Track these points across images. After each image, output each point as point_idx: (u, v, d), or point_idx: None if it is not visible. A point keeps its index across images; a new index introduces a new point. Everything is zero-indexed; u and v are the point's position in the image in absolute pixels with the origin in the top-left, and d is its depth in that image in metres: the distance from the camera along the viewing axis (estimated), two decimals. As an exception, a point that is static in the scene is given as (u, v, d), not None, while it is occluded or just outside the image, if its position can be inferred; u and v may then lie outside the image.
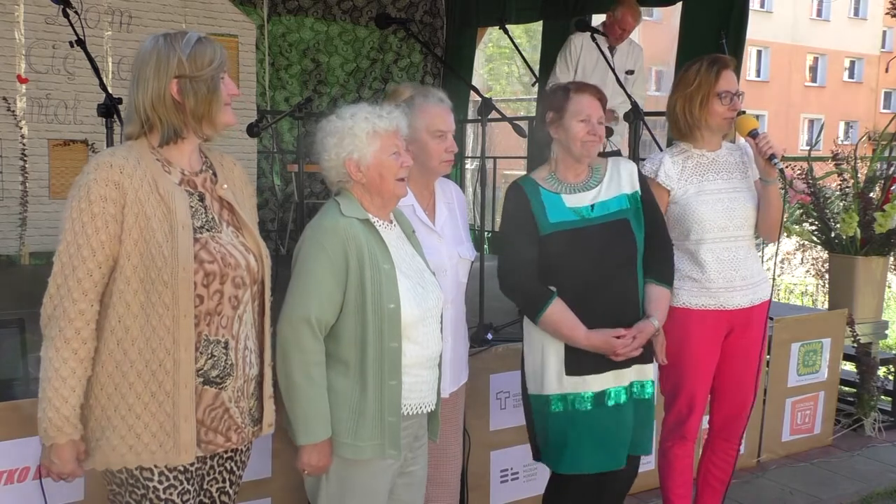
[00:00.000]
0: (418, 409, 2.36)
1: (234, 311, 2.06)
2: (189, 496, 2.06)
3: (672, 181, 3.07)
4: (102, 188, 1.93)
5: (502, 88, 23.87)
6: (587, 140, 2.71)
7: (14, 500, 2.65)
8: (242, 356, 2.09)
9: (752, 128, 2.96)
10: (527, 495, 3.71)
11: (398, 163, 2.31)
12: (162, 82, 1.98)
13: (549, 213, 2.72)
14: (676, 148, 3.14)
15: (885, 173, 5.07)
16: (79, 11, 4.52)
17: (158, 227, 1.96)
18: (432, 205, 2.74)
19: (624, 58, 5.29)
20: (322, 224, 2.29)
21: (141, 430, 1.97)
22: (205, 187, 2.10)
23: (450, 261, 2.69)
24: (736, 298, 3.04)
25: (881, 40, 36.47)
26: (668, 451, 3.22)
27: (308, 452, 2.23)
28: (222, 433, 2.08)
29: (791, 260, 12.50)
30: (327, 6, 7.46)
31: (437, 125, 2.59)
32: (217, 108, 2.04)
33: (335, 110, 2.36)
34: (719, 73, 2.99)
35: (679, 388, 3.11)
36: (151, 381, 1.97)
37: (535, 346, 2.77)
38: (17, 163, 5.58)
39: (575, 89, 2.75)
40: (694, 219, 3.02)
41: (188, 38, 2.01)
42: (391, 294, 2.24)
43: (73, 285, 1.93)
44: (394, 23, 4.02)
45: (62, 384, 1.93)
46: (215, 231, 2.06)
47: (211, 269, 2.00)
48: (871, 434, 4.98)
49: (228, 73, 2.09)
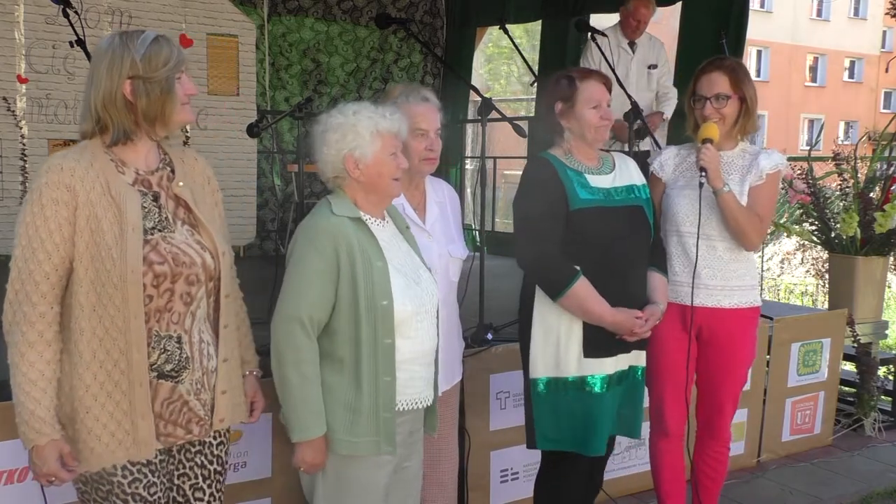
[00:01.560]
0: (414, 404, 2.37)
1: (186, 308, 2.06)
2: (156, 489, 2.06)
3: (665, 173, 3.13)
4: (54, 191, 1.93)
5: (502, 88, 23.87)
6: (600, 125, 2.76)
7: (14, 500, 2.66)
8: (199, 349, 2.09)
9: (704, 137, 2.96)
10: (527, 495, 3.69)
11: (395, 163, 2.32)
12: (114, 82, 1.97)
13: (578, 189, 2.73)
14: (688, 143, 3.17)
15: (885, 173, 5.07)
16: (79, 11, 4.53)
17: (109, 229, 1.96)
18: (423, 203, 2.74)
19: (645, 52, 5.27)
20: (313, 223, 2.30)
21: (100, 431, 1.98)
22: (160, 186, 2.09)
23: (440, 259, 2.69)
24: (698, 297, 3.02)
25: (881, 40, 36.47)
26: (654, 447, 3.26)
27: (303, 449, 2.24)
28: (182, 425, 2.08)
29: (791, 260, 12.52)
30: (327, 6, 7.46)
31: (418, 123, 2.58)
32: (171, 108, 2.03)
33: (327, 111, 2.35)
34: (699, 75, 3.03)
35: (651, 381, 3.14)
36: (107, 381, 1.98)
37: (551, 329, 2.76)
38: (17, 163, 5.59)
39: (581, 77, 2.77)
40: (672, 211, 3.07)
41: (143, 38, 2.00)
42: (384, 291, 2.25)
43: (30, 289, 1.93)
44: (394, 23, 4.02)
45: (32, 387, 1.94)
46: (168, 231, 2.06)
47: (161, 270, 2.00)
48: (871, 434, 4.97)
49: (186, 72, 2.07)
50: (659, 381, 3.13)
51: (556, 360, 2.76)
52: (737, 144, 3.09)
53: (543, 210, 2.71)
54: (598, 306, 2.68)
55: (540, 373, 2.79)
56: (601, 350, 2.74)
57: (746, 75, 3.06)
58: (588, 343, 2.74)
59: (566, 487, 2.92)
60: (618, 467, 4.00)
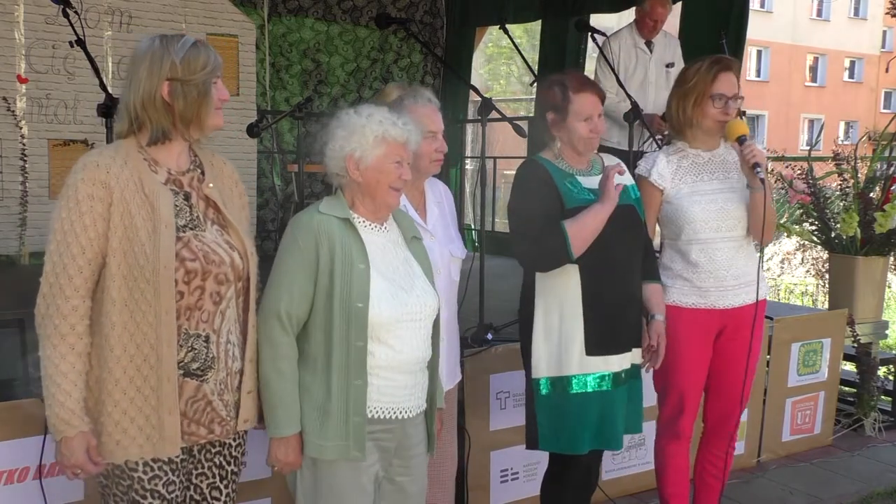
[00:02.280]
0: (392, 413, 2.31)
1: (215, 307, 2.10)
2: (174, 487, 2.09)
3: (665, 181, 3.07)
4: (89, 187, 1.98)
5: (502, 88, 23.85)
6: (591, 138, 2.77)
7: (14, 500, 2.65)
8: (224, 350, 2.12)
9: (740, 134, 2.93)
10: (527, 495, 3.71)
11: (397, 172, 2.31)
12: (153, 83, 2.03)
13: (572, 189, 2.75)
14: (672, 147, 3.14)
15: (885, 173, 5.06)
16: (79, 11, 4.51)
17: (142, 226, 2.00)
18: (423, 204, 2.74)
19: (662, 51, 5.19)
20: (297, 220, 2.32)
21: (127, 424, 2.02)
22: (191, 186, 2.14)
23: (442, 260, 2.69)
24: (727, 298, 3.04)
25: (881, 40, 36.46)
26: (662, 450, 3.24)
27: (276, 446, 2.25)
28: (205, 425, 2.11)
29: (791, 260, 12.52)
30: (327, 6, 7.46)
31: (428, 126, 2.59)
32: (206, 112, 2.09)
33: (348, 108, 2.35)
34: (717, 74, 2.97)
35: (670, 386, 3.13)
36: (136, 375, 2.02)
37: (552, 328, 2.77)
38: (17, 163, 5.58)
39: (574, 89, 2.76)
40: (686, 219, 3.03)
41: (183, 42, 2.06)
42: (361, 293, 2.23)
43: (64, 283, 1.98)
44: (394, 23, 4.03)
45: (63, 379, 1.98)
46: (199, 229, 2.10)
47: (192, 266, 2.04)
48: (871, 434, 4.97)
49: (222, 78, 2.12)
50: (679, 387, 3.11)
51: (559, 359, 2.76)
52: (719, 143, 3.10)
53: (538, 210, 2.73)
54: (593, 216, 2.67)
55: (542, 372, 2.79)
56: (603, 348, 2.75)
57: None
58: (590, 341, 2.74)
59: (573, 488, 2.92)
60: (617, 467, 4.00)
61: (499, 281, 4.30)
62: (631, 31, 5.19)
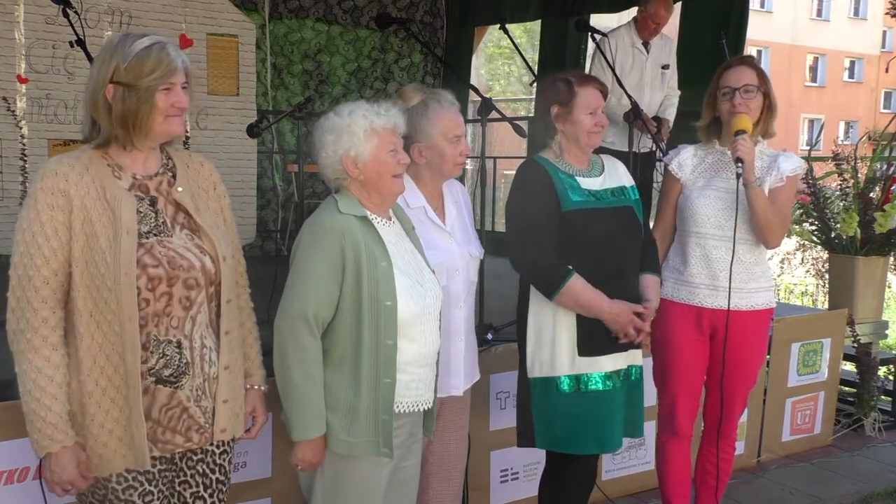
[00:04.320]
0: (414, 406, 2.36)
1: (185, 312, 2.04)
2: (152, 497, 2.04)
3: (684, 172, 3.12)
4: (49, 197, 1.93)
5: (502, 88, 23.85)
6: (595, 131, 2.79)
7: (14, 500, 2.65)
8: (200, 354, 2.06)
9: (738, 128, 2.94)
10: (527, 495, 3.71)
11: (395, 160, 2.31)
12: (99, 84, 1.97)
13: (569, 191, 2.76)
14: (705, 144, 3.16)
15: (885, 173, 5.07)
16: (79, 11, 4.52)
17: (103, 234, 1.95)
18: (441, 205, 2.74)
19: (659, 52, 5.21)
20: (319, 221, 2.29)
21: (106, 437, 1.98)
22: (158, 191, 2.07)
23: (461, 260, 2.70)
24: (716, 299, 3.03)
25: (881, 40, 36.45)
26: (663, 447, 3.26)
27: (303, 448, 2.24)
28: (181, 433, 2.05)
29: (791, 260, 12.52)
30: (328, 6, 7.47)
31: (453, 130, 2.61)
32: (148, 119, 1.98)
33: (334, 108, 2.36)
34: (724, 69, 3.05)
35: (664, 380, 3.15)
36: (109, 386, 1.97)
37: (545, 328, 2.78)
38: (17, 163, 5.58)
39: (578, 83, 2.79)
40: (690, 211, 3.06)
41: (137, 44, 1.97)
42: (388, 291, 2.24)
43: (31, 295, 1.93)
44: (394, 23, 4.02)
45: (42, 393, 1.93)
46: (164, 235, 2.04)
47: (155, 272, 1.98)
48: (871, 434, 4.98)
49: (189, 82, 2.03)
50: (672, 382, 3.13)
51: (552, 360, 2.77)
52: (755, 145, 3.06)
53: (536, 212, 2.73)
54: (595, 298, 2.70)
55: (536, 372, 2.80)
56: (595, 348, 2.75)
57: (767, 76, 3.08)
58: (582, 342, 2.74)
59: (571, 487, 2.93)
60: (617, 467, 4.01)
61: (499, 281, 4.30)
62: (629, 30, 5.17)
